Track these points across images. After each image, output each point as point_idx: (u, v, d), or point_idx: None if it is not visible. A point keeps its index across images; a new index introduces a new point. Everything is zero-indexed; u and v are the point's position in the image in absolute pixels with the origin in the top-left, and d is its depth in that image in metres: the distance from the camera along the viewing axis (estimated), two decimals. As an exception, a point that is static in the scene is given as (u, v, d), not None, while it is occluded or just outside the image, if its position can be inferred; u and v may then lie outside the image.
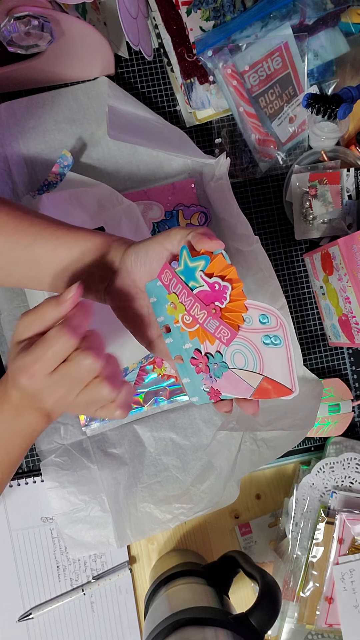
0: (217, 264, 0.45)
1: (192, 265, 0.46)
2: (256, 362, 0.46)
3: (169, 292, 0.47)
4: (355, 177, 0.76)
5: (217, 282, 0.45)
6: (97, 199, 0.71)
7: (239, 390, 0.48)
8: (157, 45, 0.76)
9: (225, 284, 0.45)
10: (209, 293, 0.46)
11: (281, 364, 0.46)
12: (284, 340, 0.45)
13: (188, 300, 0.46)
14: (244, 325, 0.46)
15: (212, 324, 0.46)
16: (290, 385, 0.46)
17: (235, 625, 0.55)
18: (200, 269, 0.45)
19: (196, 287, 0.46)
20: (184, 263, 0.46)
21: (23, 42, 0.63)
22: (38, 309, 0.45)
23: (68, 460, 0.73)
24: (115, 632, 0.75)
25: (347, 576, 0.70)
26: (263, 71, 0.73)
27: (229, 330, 0.46)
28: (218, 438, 0.68)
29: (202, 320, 0.46)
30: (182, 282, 0.46)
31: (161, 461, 0.75)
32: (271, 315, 0.45)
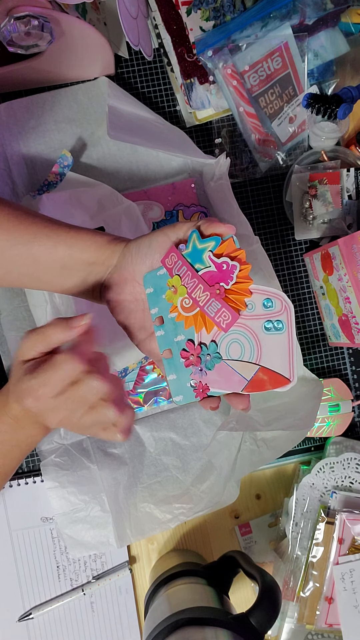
0: (227, 246, 0.45)
1: (201, 247, 0.46)
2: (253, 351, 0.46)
3: (172, 275, 0.47)
4: (355, 177, 0.76)
5: (226, 262, 0.45)
6: (97, 199, 0.71)
7: (230, 384, 0.47)
8: (157, 45, 0.76)
9: (234, 263, 0.45)
10: (214, 274, 0.46)
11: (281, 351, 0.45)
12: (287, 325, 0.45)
13: (192, 281, 0.46)
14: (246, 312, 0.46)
15: (213, 306, 0.46)
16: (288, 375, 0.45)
17: (235, 625, 0.55)
18: (210, 249, 0.45)
19: (202, 269, 0.46)
20: (193, 245, 0.46)
21: (23, 42, 0.63)
22: (45, 330, 0.46)
23: (68, 460, 0.73)
24: (115, 632, 0.75)
25: (347, 576, 0.70)
26: (263, 71, 0.73)
27: (230, 313, 0.45)
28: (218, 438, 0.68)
29: (204, 303, 0.46)
30: (188, 263, 0.46)
31: (161, 461, 0.75)
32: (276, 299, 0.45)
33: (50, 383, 0.44)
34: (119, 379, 0.48)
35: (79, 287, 0.52)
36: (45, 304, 0.68)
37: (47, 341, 0.46)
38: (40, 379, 0.45)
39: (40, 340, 0.46)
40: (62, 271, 0.51)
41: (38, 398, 0.45)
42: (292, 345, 0.45)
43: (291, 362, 0.45)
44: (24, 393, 0.45)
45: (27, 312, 0.73)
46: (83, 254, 0.50)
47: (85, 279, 0.51)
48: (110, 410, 0.46)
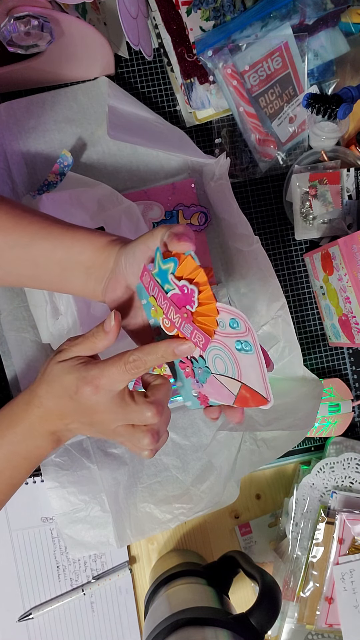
0: (186, 266, 0.43)
1: (164, 268, 0.44)
2: (234, 368, 0.45)
3: (149, 294, 0.46)
4: (355, 177, 0.76)
5: (185, 286, 0.43)
6: (97, 199, 0.71)
7: (222, 397, 0.47)
8: (157, 45, 0.76)
9: (192, 287, 0.43)
10: (180, 297, 0.44)
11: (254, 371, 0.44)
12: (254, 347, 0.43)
13: (164, 303, 0.45)
14: (218, 329, 0.44)
15: (186, 328, 0.44)
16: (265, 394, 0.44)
17: (235, 625, 0.55)
18: (171, 271, 0.43)
19: (170, 290, 0.44)
20: (158, 265, 0.44)
21: (23, 42, 0.63)
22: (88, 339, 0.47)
23: (68, 460, 0.73)
24: (115, 632, 0.75)
25: (347, 576, 0.70)
26: (263, 71, 0.73)
27: (203, 335, 0.44)
28: (218, 438, 0.68)
29: (179, 324, 0.45)
30: (159, 285, 0.45)
31: (161, 461, 0.75)
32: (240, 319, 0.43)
33: (112, 375, 0.45)
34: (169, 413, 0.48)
35: (81, 289, 0.52)
36: (45, 304, 0.68)
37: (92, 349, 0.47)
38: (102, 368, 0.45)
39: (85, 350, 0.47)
40: (61, 273, 0.51)
41: (98, 387, 0.45)
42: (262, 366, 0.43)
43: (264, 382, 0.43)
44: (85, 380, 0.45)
45: (27, 312, 0.73)
46: (81, 256, 0.50)
47: (86, 281, 0.51)
48: (147, 439, 0.46)
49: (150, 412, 0.45)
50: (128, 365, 0.45)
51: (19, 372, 0.72)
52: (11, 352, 0.73)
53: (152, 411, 0.45)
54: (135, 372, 0.45)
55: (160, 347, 0.46)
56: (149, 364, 0.46)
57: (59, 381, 0.47)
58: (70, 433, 0.51)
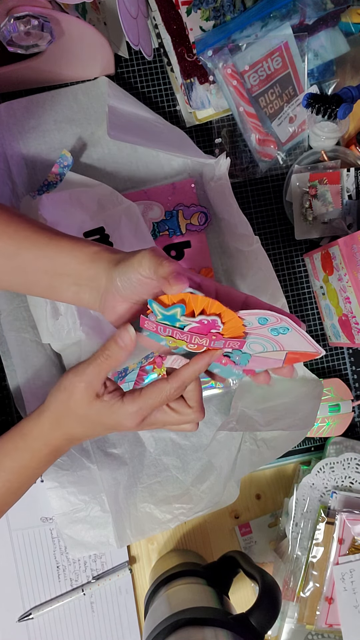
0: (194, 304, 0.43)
1: (170, 314, 0.44)
2: (274, 344, 0.47)
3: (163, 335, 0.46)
4: (355, 177, 0.76)
5: (203, 319, 0.43)
6: (97, 199, 0.71)
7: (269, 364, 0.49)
8: (157, 45, 0.76)
9: (213, 318, 0.43)
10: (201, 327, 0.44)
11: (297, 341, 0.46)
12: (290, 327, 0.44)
13: (184, 336, 0.46)
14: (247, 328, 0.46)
15: (218, 344, 0.46)
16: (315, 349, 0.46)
17: (235, 626, 0.55)
18: (180, 314, 0.44)
19: (185, 325, 0.45)
20: (161, 313, 0.44)
21: (23, 42, 0.63)
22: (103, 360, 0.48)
23: (68, 461, 0.72)
24: (115, 632, 0.75)
25: (347, 576, 0.70)
26: (263, 71, 0.73)
27: (237, 341, 0.46)
28: (218, 438, 0.68)
29: (208, 344, 0.46)
30: (169, 326, 0.45)
31: (161, 461, 0.75)
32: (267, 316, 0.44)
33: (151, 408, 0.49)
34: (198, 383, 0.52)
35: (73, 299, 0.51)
36: (45, 304, 0.68)
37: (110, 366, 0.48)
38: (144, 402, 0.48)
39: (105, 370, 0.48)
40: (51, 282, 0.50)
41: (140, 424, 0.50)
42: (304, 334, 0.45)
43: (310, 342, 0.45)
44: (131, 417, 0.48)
45: (27, 312, 0.73)
46: (66, 268, 0.49)
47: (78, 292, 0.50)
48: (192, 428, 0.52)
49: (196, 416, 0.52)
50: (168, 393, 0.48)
51: (19, 372, 0.72)
52: (11, 352, 0.73)
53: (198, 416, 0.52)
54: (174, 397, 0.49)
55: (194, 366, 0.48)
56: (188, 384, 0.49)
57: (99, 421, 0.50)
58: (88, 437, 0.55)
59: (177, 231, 0.75)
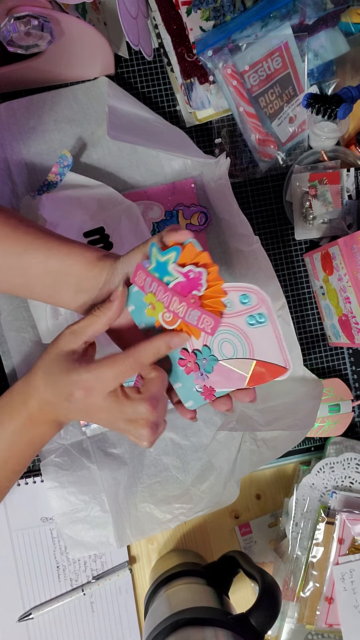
0: (189, 253, 0.45)
1: (164, 260, 0.45)
2: (245, 347, 0.46)
3: (145, 293, 0.47)
4: (355, 177, 0.76)
5: (191, 270, 0.45)
6: (97, 199, 0.71)
7: (232, 382, 0.47)
8: (157, 45, 0.76)
9: (200, 270, 0.44)
10: (185, 284, 0.45)
11: (270, 342, 0.45)
12: (268, 317, 0.44)
13: (165, 296, 0.46)
14: (226, 311, 0.46)
15: (193, 315, 0.46)
16: (283, 363, 0.45)
17: (235, 625, 0.55)
18: (172, 260, 0.45)
19: (171, 281, 0.46)
20: (155, 260, 0.46)
21: (23, 42, 0.63)
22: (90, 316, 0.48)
23: (68, 460, 0.72)
24: (115, 632, 0.75)
25: (347, 576, 0.70)
26: (263, 71, 0.73)
27: (212, 317, 0.45)
28: (218, 438, 0.68)
29: (183, 314, 0.46)
30: (157, 279, 0.46)
31: (161, 461, 0.75)
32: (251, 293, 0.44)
33: (105, 379, 0.45)
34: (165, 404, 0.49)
35: (70, 302, 0.52)
36: (45, 304, 0.68)
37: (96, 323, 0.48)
38: (96, 372, 0.46)
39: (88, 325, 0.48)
40: (53, 284, 0.51)
41: (89, 391, 0.46)
42: (279, 334, 0.45)
43: (282, 350, 0.45)
44: (77, 385, 0.46)
45: (27, 312, 0.73)
46: (73, 268, 0.50)
47: (76, 295, 0.51)
48: (145, 432, 0.47)
49: (145, 407, 0.46)
50: (122, 367, 0.46)
51: (19, 372, 0.73)
52: (11, 352, 0.73)
53: (147, 407, 0.46)
54: (129, 373, 0.46)
55: (153, 343, 0.46)
56: (144, 362, 0.46)
57: (56, 382, 0.47)
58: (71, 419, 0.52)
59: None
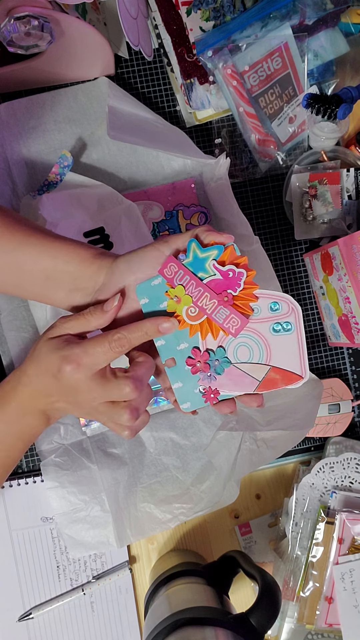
0: (230, 254, 0.46)
1: (203, 256, 0.46)
2: (262, 353, 0.47)
3: (173, 286, 0.47)
4: (355, 177, 0.76)
5: (232, 270, 0.46)
6: (97, 199, 0.71)
7: (241, 386, 0.48)
8: (157, 45, 0.76)
9: (241, 270, 0.46)
10: (220, 282, 0.46)
11: (291, 350, 0.46)
12: (295, 326, 0.46)
13: (197, 290, 0.47)
14: (252, 316, 0.47)
15: (222, 313, 0.46)
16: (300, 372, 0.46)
17: (235, 625, 0.55)
18: (213, 257, 0.46)
19: (205, 277, 0.47)
20: (194, 255, 0.47)
21: (23, 43, 0.63)
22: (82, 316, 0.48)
23: (68, 460, 0.73)
24: (115, 632, 0.75)
25: (347, 576, 0.70)
26: (263, 71, 0.73)
27: (240, 318, 0.46)
28: (218, 438, 0.68)
29: (211, 310, 0.47)
30: (191, 272, 0.47)
31: (161, 461, 0.75)
32: (283, 302, 0.46)
33: (95, 354, 0.46)
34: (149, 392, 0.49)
35: (65, 301, 0.52)
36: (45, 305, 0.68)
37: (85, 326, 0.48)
38: (86, 347, 0.46)
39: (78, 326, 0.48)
40: (46, 282, 0.51)
41: (79, 365, 0.46)
42: (302, 343, 0.46)
43: (302, 359, 0.46)
44: (67, 359, 0.46)
45: (27, 312, 0.73)
46: (67, 266, 0.50)
47: (70, 293, 0.51)
48: (125, 414, 0.47)
49: (129, 386, 0.46)
50: (112, 344, 0.46)
51: (19, 372, 0.72)
52: (11, 352, 0.73)
53: (130, 386, 0.46)
54: (118, 350, 0.46)
55: (145, 324, 0.47)
56: (133, 342, 0.47)
57: (45, 359, 0.48)
58: (58, 412, 0.51)
59: (177, 231, 0.75)
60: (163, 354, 0.50)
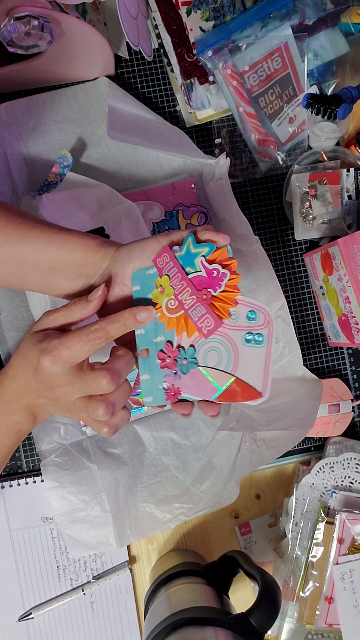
0: (221, 254, 0.46)
1: (195, 251, 0.46)
2: (230, 361, 0.46)
3: (161, 275, 0.48)
4: (355, 177, 0.76)
5: (217, 269, 0.46)
6: (97, 199, 0.71)
7: (202, 391, 0.47)
8: (157, 45, 0.76)
9: (225, 271, 0.45)
10: (204, 279, 0.46)
11: (257, 364, 0.46)
12: (267, 340, 0.45)
13: (180, 284, 0.47)
14: (228, 322, 0.46)
15: (198, 310, 0.46)
16: (261, 389, 0.46)
17: (235, 625, 0.55)
18: (203, 254, 0.46)
19: (192, 272, 0.47)
20: (187, 248, 0.47)
21: (23, 43, 0.63)
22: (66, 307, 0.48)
23: (68, 460, 0.73)
24: (115, 632, 0.75)
25: (347, 576, 0.70)
26: (263, 71, 0.73)
27: (214, 320, 0.46)
28: (218, 438, 0.68)
29: (189, 306, 0.46)
30: (179, 265, 0.47)
31: (161, 461, 0.75)
32: (260, 312, 0.46)
33: (73, 346, 0.45)
34: (128, 387, 0.48)
35: (67, 289, 0.52)
36: (45, 304, 0.68)
37: (69, 316, 0.48)
38: (63, 340, 0.46)
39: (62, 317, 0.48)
40: (50, 272, 0.51)
41: (56, 358, 0.45)
42: (269, 360, 0.46)
43: (266, 376, 0.46)
44: (45, 351, 0.46)
45: (27, 312, 0.73)
46: (72, 255, 0.50)
47: (74, 281, 0.51)
48: (100, 409, 0.46)
49: (105, 378, 0.45)
50: (90, 335, 0.45)
51: (19, 372, 0.72)
52: (11, 352, 0.73)
53: (107, 377, 0.45)
54: (97, 342, 0.46)
55: (123, 314, 0.47)
56: (111, 333, 0.46)
57: (26, 352, 0.48)
58: (42, 410, 0.51)
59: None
60: (140, 344, 0.49)
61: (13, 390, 0.49)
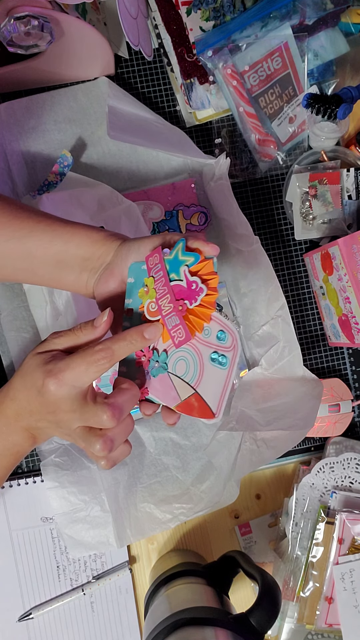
0: (205, 267, 0.46)
1: (182, 259, 0.46)
2: (195, 375, 0.47)
3: (149, 275, 0.48)
4: (355, 177, 0.76)
5: (196, 282, 0.45)
6: (97, 199, 0.71)
7: (166, 397, 0.48)
8: (157, 45, 0.76)
9: (202, 286, 0.45)
10: (183, 290, 0.46)
11: (217, 386, 0.46)
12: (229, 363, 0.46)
13: (162, 288, 0.47)
14: (201, 336, 0.47)
15: (173, 319, 0.46)
16: (215, 410, 0.46)
17: (235, 625, 0.55)
18: (187, 264, 0.46)
19: (175, 280, 0.46)
20: (175, 254, 0.46)
21: (23, 42, 0.63)
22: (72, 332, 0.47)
23: (68, 460, 0.73)
24: (115, 632, 0.75)
25: (347, 576, 0.70)
26: (263, 71, 0.73)
27: (185, 332, 0.46)
28: (218, 438, 0.68)
29: (166, 313, 0.46)
30: (165, 270, 0.47)
31: (161, 461, 0.75)
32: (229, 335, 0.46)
33: (77, 368, 0.44)
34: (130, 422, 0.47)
35: (73, 282, 0.52)
36: (45, 304, 0.68)
37: (75, 340, 0.47)
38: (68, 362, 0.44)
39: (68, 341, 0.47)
40: (57, 266, 0.51)
41: (61, 381, 0.44)
42: (228, 384, 0.46)
43: (222, 399, 0.46)
44: (51, 373, 0.44)
45: (27, 312, 0.73)
46: (79, 249, 0.51)
47: (80, 274, 0.51)
48: (97, 445, 0.44)
49: (106, 414, 0.44)
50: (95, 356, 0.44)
51: (19, 372, 0.72)
52: (11, 352, 0.73)
53: (108, 413, 0.43)
54: (103, 364, 0.44)
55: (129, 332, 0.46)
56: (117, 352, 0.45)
57: (30, 374, 0.46)
58: (42, 432, 0.49)
59: (177, 231, 0.75)
60: None
61: (13, 411, 0.48)
